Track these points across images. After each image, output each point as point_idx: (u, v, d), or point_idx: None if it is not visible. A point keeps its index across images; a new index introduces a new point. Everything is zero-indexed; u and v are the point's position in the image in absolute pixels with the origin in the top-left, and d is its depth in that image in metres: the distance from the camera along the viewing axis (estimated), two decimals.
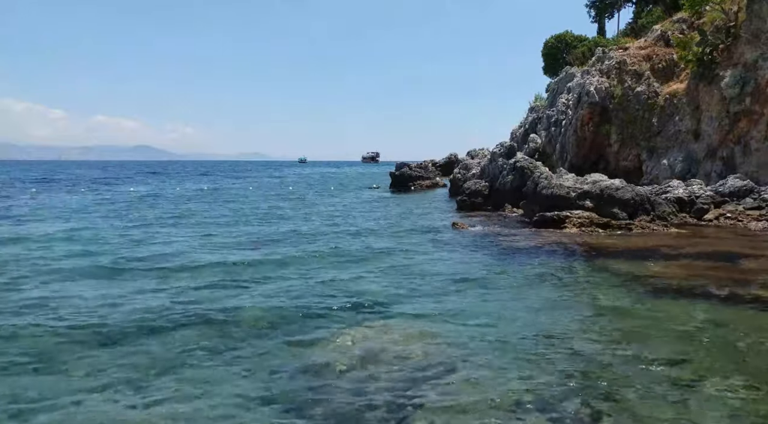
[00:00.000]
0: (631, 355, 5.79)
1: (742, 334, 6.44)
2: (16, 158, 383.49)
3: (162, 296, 8.35)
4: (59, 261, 11.02)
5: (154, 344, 6.28)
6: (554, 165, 25.64)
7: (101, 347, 6.16)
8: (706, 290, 8.50)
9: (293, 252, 12.43)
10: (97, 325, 6.88)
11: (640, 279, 9.33)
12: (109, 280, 9.53)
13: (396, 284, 9.21)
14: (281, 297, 8.36)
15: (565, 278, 9.69)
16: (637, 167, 23.94)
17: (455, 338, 6.42)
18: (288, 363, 5.70)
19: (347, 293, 8.58)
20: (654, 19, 28.49)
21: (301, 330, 6.77)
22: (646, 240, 13.59)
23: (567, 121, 27.33)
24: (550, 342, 6.26)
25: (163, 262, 11.11)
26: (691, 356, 5.72)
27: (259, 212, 22.62)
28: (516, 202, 19.95)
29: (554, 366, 5.53)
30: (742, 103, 19.17)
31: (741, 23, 19.72)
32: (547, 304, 8.00)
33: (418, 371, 5.44)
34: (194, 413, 4.62)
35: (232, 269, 10.43)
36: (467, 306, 7.88)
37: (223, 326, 6.90)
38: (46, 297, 8.23)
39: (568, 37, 37.95)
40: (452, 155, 53.85)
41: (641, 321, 7.00)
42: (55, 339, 6.39)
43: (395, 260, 11.56)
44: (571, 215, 15.66)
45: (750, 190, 17.43)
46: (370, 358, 5.80)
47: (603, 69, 25.73)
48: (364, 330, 6.75)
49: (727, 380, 5.09)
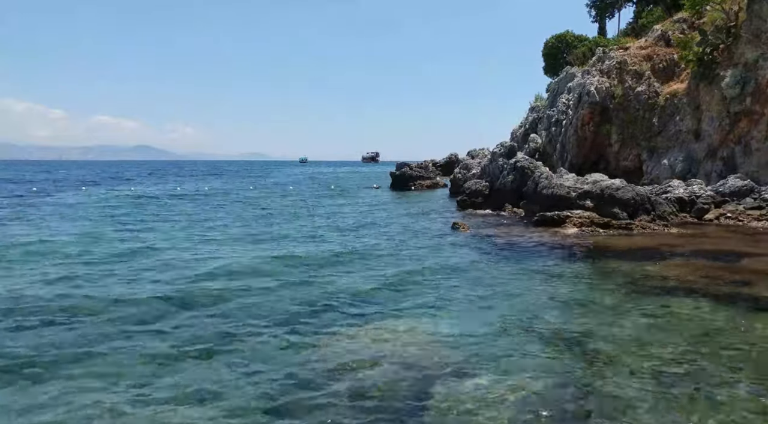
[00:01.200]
0: (632, 355, 5.79)
1: (743, 334, 6.44)
2: (16, 158, 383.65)
3: (160, 295, 8.36)
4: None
5: (150, 342, 6.29)
6: (554, 165, 25.63)
7: (99, 343, 6.17)
8: (707, 289, 8.49)
9: (291, 252, 12.43)
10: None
11: (641, 279, 9.33)
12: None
13: (395, 284, 9.20)
14: (279, 297, 8.35)
15: (565, 278, 9.69)
16: (638, 167, 23.93)
17: (455, 337, 6.42)
18: (287, 362, 5.70)
19: (345, 293, 8.58)
20: (654, 19, 28.48)
21: (300, 330, 6.77)
22: (646, 240, 13.58)
23: (567, 121, 27.32)
24: (550, 342, 6.26)
25: (161, 259, 11.13)
26: (692, 356, 5.71)
27: (258, 212, 22.62)
28: (516, 202, 19.94)
29: (555, 366, 5.52)
30: (742, 103, 19.17)
31: (741, 23, 19.71)
32: (548, 304, 8.00)
33: (417, 371, 5.43)
34: (189, 414, 4.61)
35: (230, 269, 10.43)
36: (467, 306, 7.87)
37: (223, 325, 6.90)
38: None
39: (568, 37, 37.93)
40: (452, 155, 53.85)
41: (642, 321, 7.00)
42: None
43: (394, 259, 11.55)
44: (571, 215, 15.65)
45: (750, 190, 17.43)
46: (369, 358, 5.79)
47: (603, 69, 25.73)
48: (362, 330, 6.74)
49: (728, 380, 5.08)
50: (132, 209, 22.95)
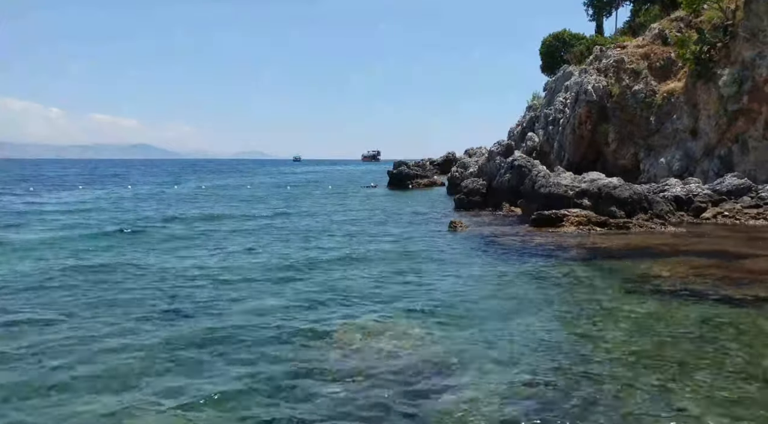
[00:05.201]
0: (629, 354, 5.76)
1: (741, 333, 6.41)
2: (13, 157, 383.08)
3: (159, 293, 8.32)
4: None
5: (145, 340, 6.25)
6: (552, 164, 25.59)
7: (98, 341, 6.13)
8: (704, 288, 8.47)
9: (288, 252, 12.40)
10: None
11: (638, 278, 9.31)
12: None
13: (392, 284, 9.17)
14: (278, 297, 8.32)
15: (562, 276, 9.67)
16: (635, 166, 23.90)
17: (453, 337, 6.39)
18: (285, 362, 5.67)
19: (342, 293, 8.55)
20: (652, 18, 28.43)
21: (299, 329, 6.73)
22: (643, 238, 13.57)
23: (565, 120, 27.29)
24: (547, 342, 6.23)
25: (162, 259, 11.09)
26: (691, 356, 5.69)
27: (256, 212, 22.59)
28: (514, 201, 19.92)
29: (553, 366, 5.50)
30: (739, 102, 19.16)
31: (739, 22, 19.70)
32: (545, 303, 7.98)
33: (416, 370, 5.40)
34: (187, 413, 4.58)
35: (229, 269, 10.40)
36: (464, 305, 7.84)
37: (221, 324, 6.87)
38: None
39: (566, 36, 37.85)
40: (450, 154, 53.74)
41: (639, 320, 6.97)
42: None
43: (391, 259, 11.52)
44: (568, 214, 15.63)
45: (748, 189, 17.42)
46: (362, 357, 5.76)
47: (601, 67, 25.69)
48: (360, 330, 6.71)
49: (727, 380, 5.06)
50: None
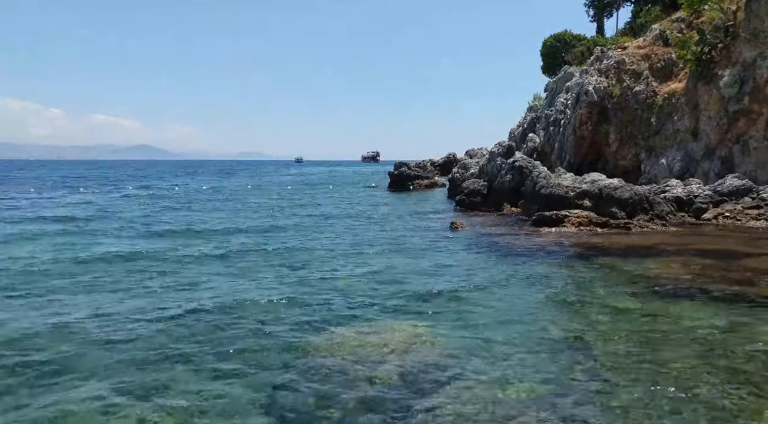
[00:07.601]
0: (630, 355, 5.76)
1: (741, 334, 6.40)
2: (15, 158, 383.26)
3: (158, 291, 8.32)
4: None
5: (143, 340, 6.25)
6: (553, 164, 25.60)
7: (98, 348, 6.13)
8: (706, 289, 8.46)
9: (288, 253, 12.39)
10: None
11: (639, 278, 9.30)
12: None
13: (390, 284, 9.17)
14: (277, 297, 8.31)
15: (563, 277, 9.66)
16: (636, 167, 23.89)
17: (453, 338, 6.38)
18: (285, 361, 5.67)
19: (342, 294, 8.54)
20: (653, 19, 28.43)
21: (299, 329, 6.73)
22: (644, 239, 13.56)
23: (566, 121, 27.29)
24: (548, 342, 6.22)
25: (160, 256, 11.09)
26: (691, 356, 5.68)
27: (254, 213, 22.60)
28: (515, 202, 19.92)
29: (553, 367, 5.49)
30: (740, 103, 19.14)
31: (740, 22, 19.69)
32: (545, 304, 7.97)
33: (413, 370, 5.40)
34: (187, 411, 4.58)
35: (227, 269, 10.39)
36: (465, 306, 7.83)
37: (220, 324, 6.86)
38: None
39: (566, 37, 37.87)
40: (451, 155, 53.76)
41: (640, 321, 6.96)
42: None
43: (391, 259, 11.51)
44: (569, 215, 15.63)
45: (749, 190, 17.40)
46: (362, 358, 5.75)
47: (601, 68, 25.68)
48: (355, 330, 6.70)
49: (727, 381, 5.05)
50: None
